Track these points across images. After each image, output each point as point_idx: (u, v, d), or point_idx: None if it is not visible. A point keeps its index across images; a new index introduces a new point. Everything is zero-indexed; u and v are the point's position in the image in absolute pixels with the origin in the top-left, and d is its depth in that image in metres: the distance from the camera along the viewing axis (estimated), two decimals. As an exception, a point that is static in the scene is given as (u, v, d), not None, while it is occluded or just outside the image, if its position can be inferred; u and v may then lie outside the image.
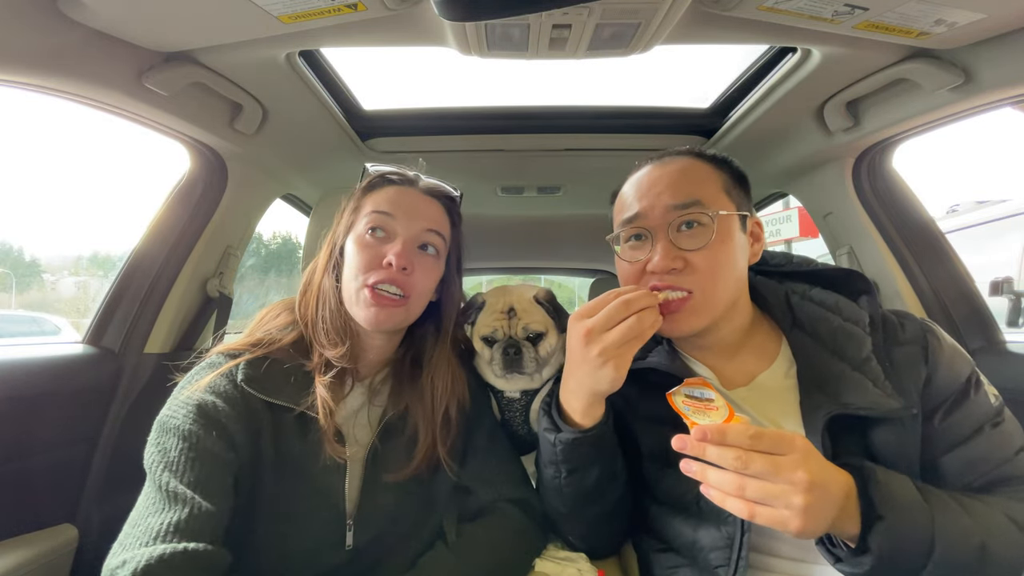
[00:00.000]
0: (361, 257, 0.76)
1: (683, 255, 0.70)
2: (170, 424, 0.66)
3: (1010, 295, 2.53)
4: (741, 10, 0.82)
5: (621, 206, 0.79)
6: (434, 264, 0.82)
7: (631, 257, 0.75)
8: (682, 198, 0.72)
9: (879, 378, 0.67)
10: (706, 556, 0.69)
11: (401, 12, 0.83)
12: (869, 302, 0.74)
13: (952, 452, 0.67)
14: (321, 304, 0.80)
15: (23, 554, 0.99)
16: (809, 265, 0.82)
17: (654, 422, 0.77)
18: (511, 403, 1.01)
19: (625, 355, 0.63)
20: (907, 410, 0.64)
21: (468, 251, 0.92)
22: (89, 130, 77.82)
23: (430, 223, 0.80)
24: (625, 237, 0.77)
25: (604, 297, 0.65)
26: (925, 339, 0.71)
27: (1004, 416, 0.69)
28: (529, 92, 1.42)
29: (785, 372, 0.74)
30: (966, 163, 45.31)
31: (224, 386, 0.70)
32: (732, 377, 0.77)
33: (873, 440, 0.66)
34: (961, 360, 0.71)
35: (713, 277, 0.70)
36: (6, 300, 9.24)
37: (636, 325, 0.61)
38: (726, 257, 0.71)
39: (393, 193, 0.81)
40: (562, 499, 0.77)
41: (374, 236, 0.78)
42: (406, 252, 0.76)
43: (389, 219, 0.78)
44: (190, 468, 0.62)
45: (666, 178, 0.75)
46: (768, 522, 0.51)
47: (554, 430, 0.72)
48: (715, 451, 0.53)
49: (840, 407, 0.65)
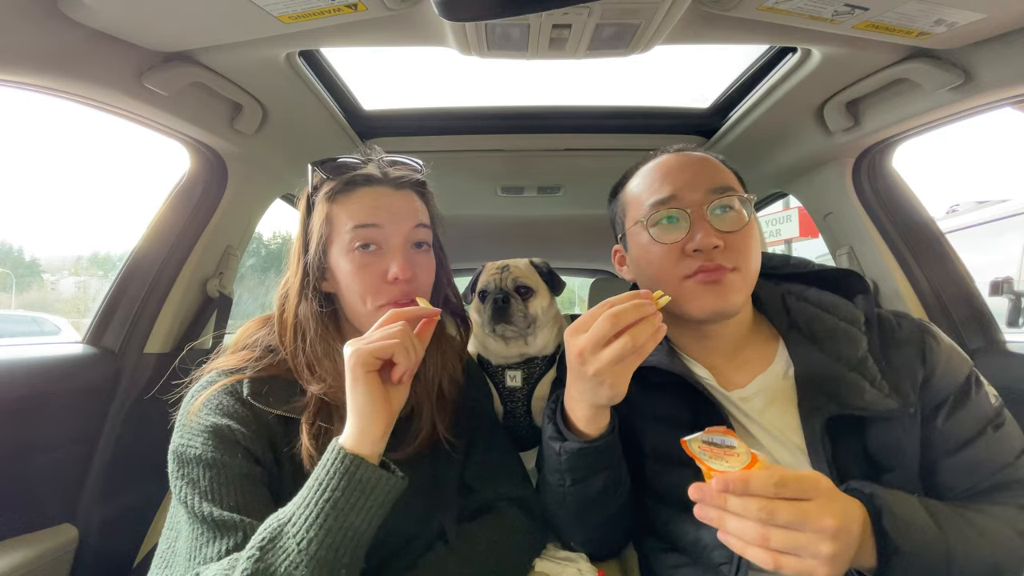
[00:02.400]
0: (361, 280, 0.72)
1: (723, 236, 0.70)
2: (189, 454, 0.63)
3: (1010, 295, 2.53)
4: (741, 10, 0.82)
5: (644, 191, 0.77)
6: (429, 257, 0.79)
7: (668, 238, 0.73)
8: (719, 182, 0.73)
9: (875, 378, 0.67)
10: (709, 554, 0.69)
11: (401, 12, 0.83)
12: (865, 302, 0.74)
13: (955, 455, 0.66)
14: (299, 334, 0.73)
15: (23, 554, 0.99)
16: (806, 267, 0.83)
17: (655, 421, 0.77)
18: (512, 393, 1.01)
19: (622, 373, 0.60)
20: (904, 410, 0.64)
21: (468, 251, 0.91)
22: (89, 130, 77.86)
23: (415, 219, 0.76)
24: (656, 220, 0.74)
25: (596, 310, 0.60)
26: (922, 339, 0.71)
27: (1004, 417, 0.69)
28: (529, 92, 1.43)
29: (783, 373, 0.74)
30: (966, 163, 45.40)
31: (232, 406, 0.68)
32: (731, 378, 0.77)
33: (871, 440, 0.66)
34: (959, 359, 0.71)
35: (749, 257, 0.72)
36: (6, 300, 9.24)
37: (630, 343, 0.57)
38: (756, 241, 0.73)
39: (368, 199, 0.74)
40: (565, 507, 0.76)
41: (365, 253, 0.72)
42: (407, 262, 0.72)
43: (376, 230, 0.72)
44: (228, 493, 0.61)
45: (696, 164, 0.75)
46: (795, 572, 0.48)
47: (559, 439, 0.71)
48: (738, 503, 0.49)
49: (837, 408, 0.65)
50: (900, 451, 0.65)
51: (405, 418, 0.77)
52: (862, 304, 0.74)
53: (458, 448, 0.79)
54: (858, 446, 0.67)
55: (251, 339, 0.77)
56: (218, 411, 0.67)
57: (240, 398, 0.68)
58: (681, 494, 0.74)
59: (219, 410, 0.67)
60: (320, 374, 0.71)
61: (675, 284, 0.73)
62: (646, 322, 0.58)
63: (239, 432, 0.65)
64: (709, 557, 0.69)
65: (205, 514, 0.59)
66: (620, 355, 0.57)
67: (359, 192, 0.75)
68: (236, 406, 0.67)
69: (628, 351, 0.57)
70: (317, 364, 0.71)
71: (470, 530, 0.77)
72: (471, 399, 0.88)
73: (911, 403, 0.65)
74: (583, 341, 0.60)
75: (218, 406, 0.67)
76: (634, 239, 0.79)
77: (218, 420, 0.65)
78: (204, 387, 0.71)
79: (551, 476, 0.75)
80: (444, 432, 0.78)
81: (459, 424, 0.82)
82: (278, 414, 0.69)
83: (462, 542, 0.75)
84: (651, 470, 0.78)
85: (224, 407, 0.67)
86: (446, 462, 0.80)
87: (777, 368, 0.75)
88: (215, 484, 0.61)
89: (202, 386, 0.72)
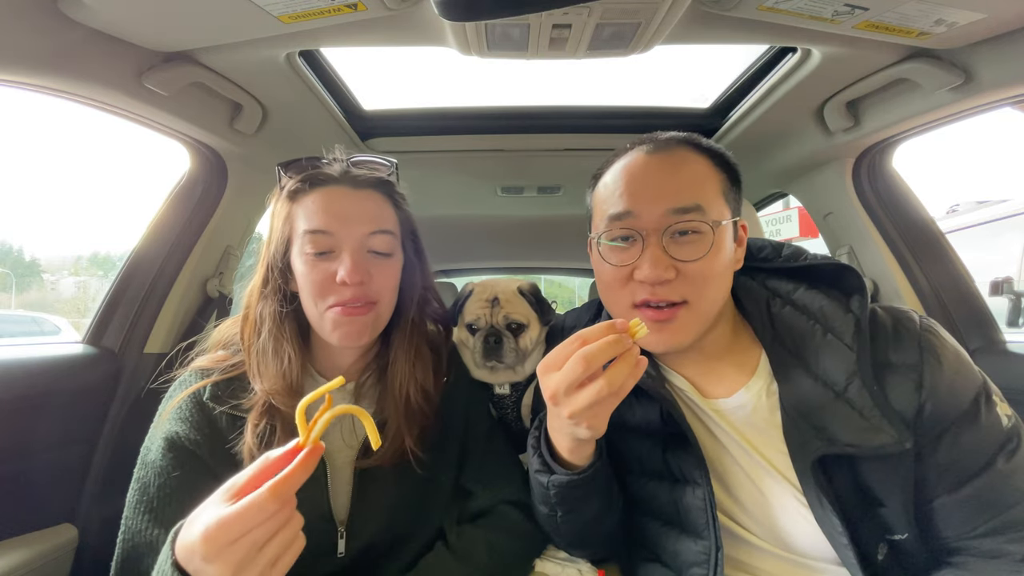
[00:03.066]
0: (312, 281, 0.71)
1: (675, 264, 0.64)
2: (147, 458, 0.69)
3: (1010, 295, 2.53)
4: (741, 10, 0.81)
5: (607, 198, 0.70)
6: (390, 263, 0.76)
7: (618, 260, 0.68)
8: (683, 201, 0.65)
9: (865, 407, 0.60)
10: (689, 571, 0.68)
11: (401, 12, 0.83)
12: (860, 304, 0.66)
13: (956, 492, 0.60)
14: (256, 332, 0.73)
15: (23, 554, 0.98)
16: (798, 260, 0.73)
17: (628, 431, 0.74)
18: (501, 400, 1.01)
19: (600, 415, 0.56)
20: (899, 445, 0.58)
21: (468, 251, 0.91)
22: (89, 130, 77.92)
23: (371, 224, 0.73)
24: (610, 237, 0.68)
25: (568, 346, 0.55)
26: (920, 358, 0.62)
27: (1021, 440, 0.60)
28: (529, 92, 1.42)
29: (766, 388, 0.69)
30: (966, 163, 45.42)
31: (189, 410, 0.71)
32: (710, 390, 0.72)
33: (865, 475, 0.62)
34: (965, 377, 0.62)
35: (706, 288, 0.65)
36: (6, 300, 9.24)
37: (605, 388, 0.52)
38: (721, 268, 0.66)
39: (322, 201, 0.72)
40: (560, 534, 0.75)
41: (318, 257, 0.71)
42: (356, 266, 0.69)
43: (327, 237, 0.70)
44: (168, 504, 0.65)
45: (663, 174, 0.67)
46: None
47: (546, 472, 0.67)
48: None
49: (826, 446, 0.60)
50: (896, 485, 0.60)
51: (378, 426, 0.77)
52: (857, 307, 0.66)
53: (424, 462, 0.75)
54: (851, 478, 0.62)
55: (228, 337, 0.79)
56: (175, 417, 0.70)
57: (199, 401, 0.71)
58: (659, 505, 0.73)
59: (176, 416, 0.70)
60: (266, 373, 0.71)
61: (623, 310, 0.69)
62: (623, 361, 0.53)
63: (190, 439, 0.68)
64: (689, 574, 0.68)
65: (141, 528, 0.63)
66: (596, 399, 0.53)
67: (316, 192, 0.73)
68: (192, 410, 0.70)
69: (604, 395, 0.52)
70: (264, 363, 0.72)
71: (470, 531, 0.77)
72: (464, 404, 0.87)
73: (905, 437, 0.58)
74: (555, 383, 0.54)
75: (178, 412, 0.71)
76: (592, 249, 0.74)
77: (172, 428, 0.69)
78: (179, 388, 0.74)
79: (542, 507, 0.73)
80: (411, 445, 0.74)
81: (433, 435, 0.79)
82: (228, 412, 0.71)
83: (462, 543, 0.75)
84: (629, 480, 0.77)
85: (181, 412, 0.71)
86: (440, 463, 0.80)
87: (760, 380, 0.69)
88: (161, 493, 0.65)
89: (178, 386, 0.75)
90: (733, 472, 0.69)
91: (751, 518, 0.68)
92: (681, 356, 0.74)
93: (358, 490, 0.74)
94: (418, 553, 0.76)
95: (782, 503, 0.66)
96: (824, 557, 0.64)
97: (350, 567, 0.72)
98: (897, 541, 0.62)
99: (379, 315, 0.75)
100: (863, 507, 0.62)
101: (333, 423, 0.76)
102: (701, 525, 0.67)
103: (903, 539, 0.61)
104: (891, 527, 0.61)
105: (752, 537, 0.68)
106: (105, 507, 1.17)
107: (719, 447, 0.70)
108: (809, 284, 0.72)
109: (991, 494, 0.59)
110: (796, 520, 0.65)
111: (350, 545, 0.72)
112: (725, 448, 0.70)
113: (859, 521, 0.61)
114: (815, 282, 0.72)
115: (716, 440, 0.71)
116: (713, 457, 0.70)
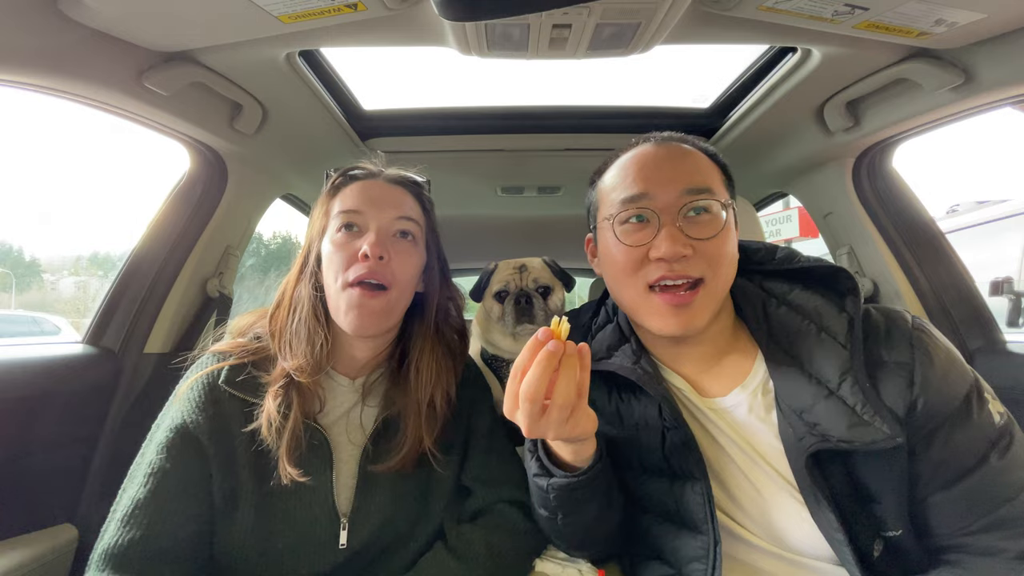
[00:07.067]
0: (337, 257, 0.75)
1: (691, 243, 0.65)
2: (155, 437, 0.72)
3: (1010, 295, 2.53)
4: (741, 10, 0.82)
5: (617, 185, 0.72)
6: (412, 250, 0.80)
7: (634, 240, 0.68)
8: (696, 183, 0.67)
9: (858, 403, 0.61)
10: (689, 566, 0.68)
11: (401, 12, 0.83)
12: (853, 304, 0.67)
13: (950, 489, 0.60)
14: (292, 311, 0.78)
15: (23, 554, 0.98)
16: (793, 262, 0.74)
17: (628, 429, 0.75)
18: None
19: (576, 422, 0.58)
20: (891, 440, 0.58)
21: (468, 251, 0.92)
22: (89, 130, 77.83)
23: (400, 210, 0.79)
24: (624, 218, 0.69)
25: (512, 383, 0.57)
26: (912, 356, 0.63)
27: (1013, 437, 0.61)
28: (529, 92, 1.43)
29: (762, 387, 0.70)
30: (966, 163, 45.40)
31: (199, 392, 0.73)
32: (707, 389, 0.73)
33: (859, 471, 0.62)
34: (957, 375, 0.63)
35: (720, 266, 0.67)
36: (6, 300, 9.24)
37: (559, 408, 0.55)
38: (732, 249, 0.68)
39: (358, 189, 0.80)
40: (561, 536, 0.75)
41: (346, 233, 0.76)
42: (380, 240, 0.74)
43: (358, 215, 0.77)
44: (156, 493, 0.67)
45: (674, 160, 0.70)
46: None
47: (545, 475, 0.68)
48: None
49: (820, 440, 0.61)
50: (890, 480, 0.61)
51: (392, 430, 0.79)
52: (851, 307, 0.67)
53: (442, 462, 0.79)
54: (845, 475, 0.63)
55: (248, 326, 0.82)
56: (186, 400, 0.72)
57: (212, 384, 0.74)
58: (659, 503, 0.73)
59: (187, 399, 0.73)
60: (297, 351, 0.75)
61: (637, 292, 0.69)
62: (564, 375, 0.54)
63: (196, 425, 0.70)
64: (689, 569, 0.68)
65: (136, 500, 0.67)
66: (561, 417, 0.55)
67: (354, 185, 0.81)
68: (201, 395, 0.73)
69: (566, 411, 0.55)
70: (297, 342, 0.75)
71: (469, 531, 0.77)
72: (468, 403, 0.88)
73: (897, 432, 0.59)
74: (522, 422, 0.57)
75: (187, 394, 0.73)
76: (602, 235, 0.74)
77: (180, 415, 0.71)
78: (196, 369, 0.77)
79: (542, 510, 0.73)
80: (431, 446, 0.78)
81: (448, 435, 0.83)
82: (239, 397, 0.73)
83: (461, 543, 0.75)
84: (628, 478, 0.77)
85: (191, 396, 0.73)
86: (441, 462, 0.80)
87: (756, 378, 0.70)
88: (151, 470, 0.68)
89: (196, 367, 0.78)
90: (730, 471, 0.70)
91: (748, 517, 0.69)
92: (680, 354, 0.75)
93: (362, 484, 0.75)
94: (418, 551, 0.76)
95: (779, 501, 0.66)
96: (821, 556, 0.64)
97: (351, 559, 0.73)
98: (892, 538, 0.62)
99: (392, 304, 0.77)
100: (858, 504, 0.63)
101: (339, 418, 0.79)
102: (700, 520, 0.67)
103: (898, 535, 0.62)
104: (885, 523, 0.62)
105: (750, 535, 0.68)
106: (105, 507, 1.16)
107: (716, 446, 0.71)
108: (804, 285, 0.73)
109: (985, 491, 0.59)
110: (793, 518, 0.65)
111: (352, 537, 0.73)
112: (722, 447, 0.70)
113: (854, 518, 0.62)
114: (810, 283, 0.73)
115: (713, 439, 0.71)
116: (710, 456, 0.70)
